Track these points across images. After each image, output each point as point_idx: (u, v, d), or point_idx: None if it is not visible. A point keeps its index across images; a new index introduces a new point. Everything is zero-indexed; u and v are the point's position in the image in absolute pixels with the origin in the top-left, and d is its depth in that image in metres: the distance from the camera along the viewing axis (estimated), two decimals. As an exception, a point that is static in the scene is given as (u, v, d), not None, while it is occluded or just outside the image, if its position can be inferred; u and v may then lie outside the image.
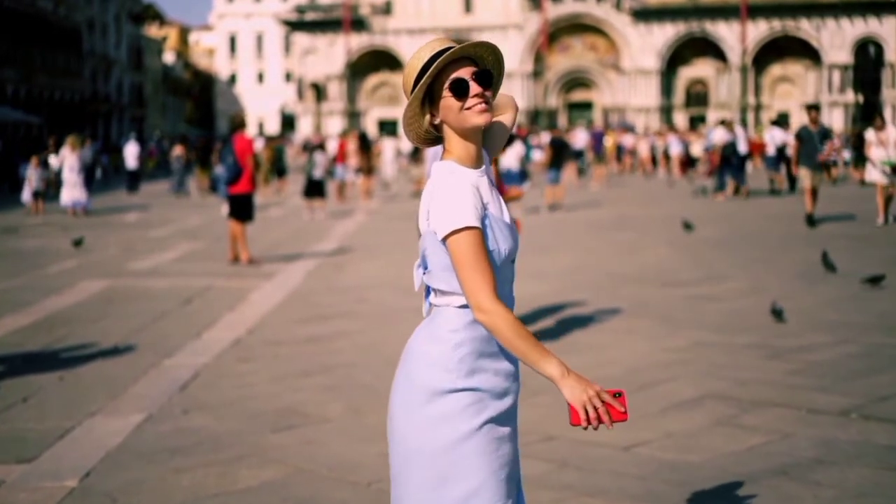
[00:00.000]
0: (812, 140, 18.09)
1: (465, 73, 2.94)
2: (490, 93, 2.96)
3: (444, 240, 2.87)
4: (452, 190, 2.89)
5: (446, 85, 2.93)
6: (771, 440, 6.02)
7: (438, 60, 2.91)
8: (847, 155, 35.87)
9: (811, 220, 18.24)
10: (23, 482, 5.61)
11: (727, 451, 5.85)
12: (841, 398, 6.87)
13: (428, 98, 2.99)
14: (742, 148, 27.56)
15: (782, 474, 5.42)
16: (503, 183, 8.93)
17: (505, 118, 3.28)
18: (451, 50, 2.93)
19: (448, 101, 2.93)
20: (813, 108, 18.61)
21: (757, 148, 30.97)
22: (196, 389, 7.59)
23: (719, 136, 27.94)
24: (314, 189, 23.49)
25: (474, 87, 2.92)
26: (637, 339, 9.03)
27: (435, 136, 3.07)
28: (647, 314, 10.24)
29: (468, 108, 2.91)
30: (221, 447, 6.15)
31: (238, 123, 15.85)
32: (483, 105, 2.92)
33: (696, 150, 36.60)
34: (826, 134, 18.47)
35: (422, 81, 2.93)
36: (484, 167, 3.01)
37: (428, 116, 3.01)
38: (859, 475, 5.40)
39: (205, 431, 6.50)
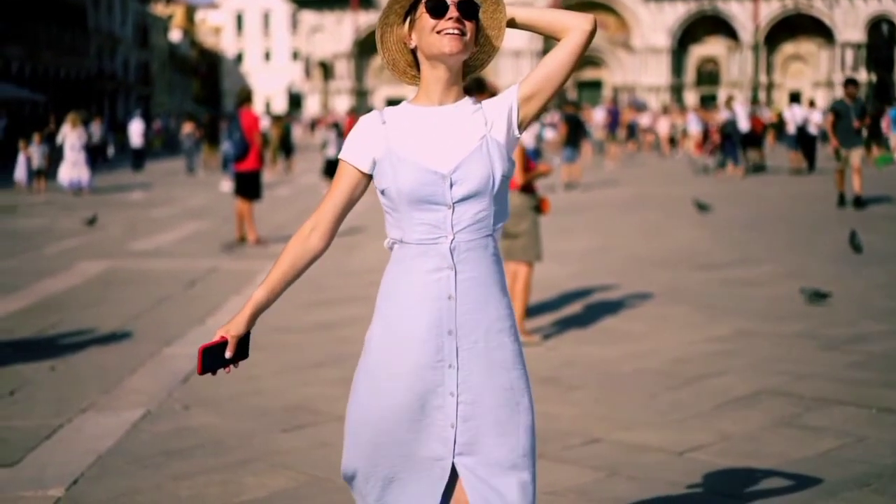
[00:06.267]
0: (849, 115, 17.18)
1: None
2: (471, 25, 2.81)
3: None
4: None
5: (423, 1, 2.81)
6: (844, 444, 5.34)
7: None
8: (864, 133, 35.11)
9: (858, 202, 17.24)
10: (0, 491, 4.95)
11: (796, 456, 5.16)
12: (913, 395, 6.19)
13: (411, 20, 2.86)
14: (743, 126, 27.11)
15: (864, 486, 4.74)
16: (530, 160, 8.23)
17: (563, 49, 2.87)
18: None
19: (423, 20, 2.81)
20: (851, 83, 17.67)
21: (760, 125, 30.35)
22: (198, 382, 6.91)
23: (724, 114, 27.70)
24: (331, 168, 23.10)
25: (452, 11, 2.78)
26: (675, 328, 8.35)
27: (410, 73, 2.94)
28: (682, 300, 9.55)
29: (439, 32, 2.78)
30: (225, 450, 5.49)
31: (244, 97, 15.17)
32: (457, 33, 2.77)
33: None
34: (864, 109, 17.56)
35: None
36: (458, 104, 2.87)
37: (405, 31, 2.88)
38: (953, 488, 4.72)
39: (207, 431, 5.84)
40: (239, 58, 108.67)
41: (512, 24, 2.92)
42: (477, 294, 2.81)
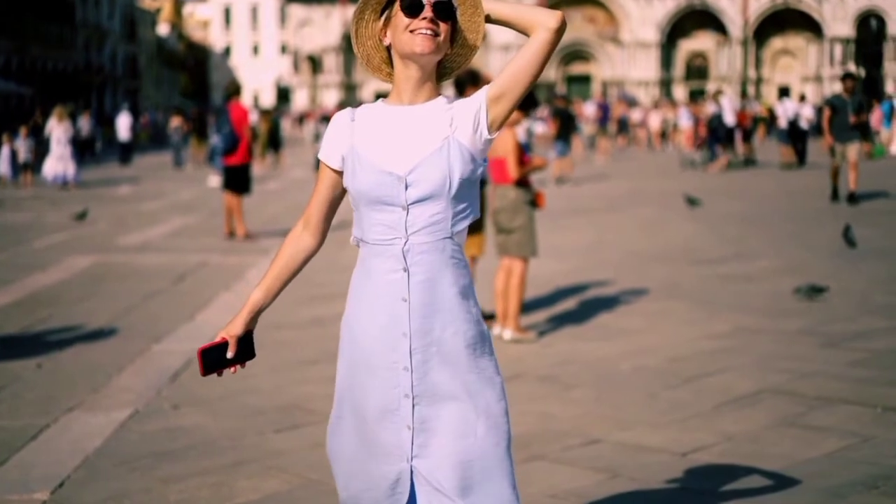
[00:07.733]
0: (846, 110, 16.95)
1: None
2: (445, 27, 2.78)
3: None
4: None
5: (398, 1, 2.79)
6: (850, 444, 5.23)
7: None
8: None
9: (851, 198, 17.06)
10: (-15, 494, 4.81)
11: (801, 457, 5.04)
12: (917, 394, 6.08)
13: (387, 17, 2.85)
14: (728, 119, 27.24)
15: (872, 488, 4.63)
16: (524, 153, 8.08)
17: (528, 47, 2.78)
18: None
19: (398, 17, 2.79)
20: (849, 77, 17.43)
21: (745, 119, 30.44)
22: (188, 380, 6.78)
23: (712, 108, 27.89)
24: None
25: (427, 11, 2.76)
26: (674, 324, 8.23)
27: (385, 70, 2.91)
28: (679, 295, 9.44)
29: (412, 31, 2.75)
30: (216, 451, 5.35)
31: (233, 91, 14.98)
32: (429, 34, 2.74)
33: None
34: (861, 104, 17.29)
35: None
36: (429, 104, 2.82)
37: (380, 27, 2.86)
38: (963, 490, 4.60)
39: (198, 432, 5.69)
40: (227, 51, 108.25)
41: (486, 19, 2.88)
42: (431, 297, 2.78)
